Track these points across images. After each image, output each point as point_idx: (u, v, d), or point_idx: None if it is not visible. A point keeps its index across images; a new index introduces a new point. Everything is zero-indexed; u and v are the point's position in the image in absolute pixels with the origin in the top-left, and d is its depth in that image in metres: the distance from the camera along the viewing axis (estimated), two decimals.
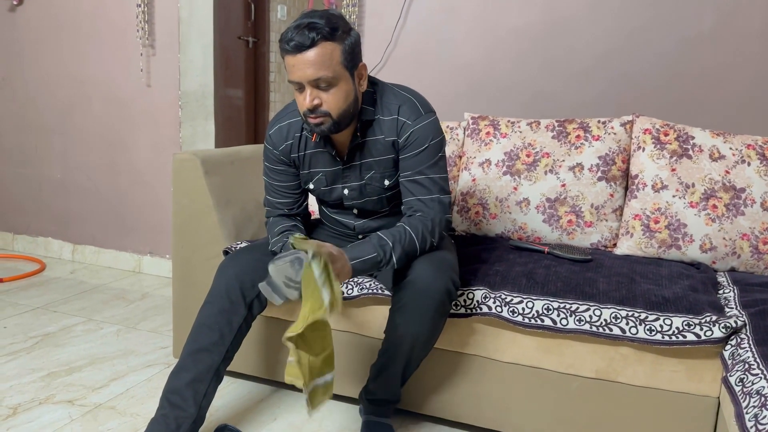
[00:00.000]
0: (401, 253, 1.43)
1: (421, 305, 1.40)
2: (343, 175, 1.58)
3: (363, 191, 1.59)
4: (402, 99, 1.51)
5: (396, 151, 1.52)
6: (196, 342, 1.49)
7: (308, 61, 1.34)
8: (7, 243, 3.38)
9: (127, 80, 2.96)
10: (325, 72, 1.36)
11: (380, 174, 1.56)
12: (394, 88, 1.54)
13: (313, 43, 1.33)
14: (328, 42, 1.35)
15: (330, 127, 1.43)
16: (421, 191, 1.49)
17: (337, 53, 1.37)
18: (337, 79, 1.38)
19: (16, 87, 3.21)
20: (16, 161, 3.29)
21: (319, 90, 1.39)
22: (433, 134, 1.50)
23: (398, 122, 1.49)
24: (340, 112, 1.42)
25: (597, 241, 1.94)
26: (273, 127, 1.61)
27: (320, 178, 1.61)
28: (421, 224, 1.46)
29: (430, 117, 1.51)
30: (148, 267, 3.05)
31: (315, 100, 1.39)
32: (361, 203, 1.62)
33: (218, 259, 1.84)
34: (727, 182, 1.80)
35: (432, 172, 1.50)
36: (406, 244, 1.43)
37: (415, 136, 1.48)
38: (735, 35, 2.11)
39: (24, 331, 2.26)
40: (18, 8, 3.11)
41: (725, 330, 1.36)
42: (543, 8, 2.31)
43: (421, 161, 1.49)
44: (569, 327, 1.49)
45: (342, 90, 1.40)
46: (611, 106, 2.25)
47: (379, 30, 2.54)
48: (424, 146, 1.49)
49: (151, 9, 2.86)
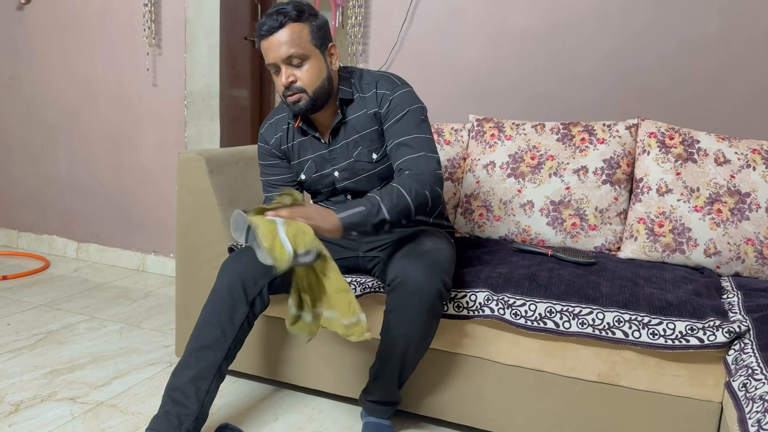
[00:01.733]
0: (390, 205, 1.42)
1: (413, 307, 1.42)
2: (331, 157, 1.64)
3: (353, 170, 1.64)
4: (378, 76, 1.62)
5: (379, 121, 1.59)
6: (199, 339, 1.49)
7: (279, 41, 1.47)
8: (12, 240, 3.39)
9: (134, 79, 2.97)
10: (296, 49, 1.47)
11: (367, 149, 1.61)
12: (369, 70, 1.66)
13: (281, 25, 1.46)
14: (296, 23, 1.48)
15: (307, 103, 1.53)
16: (408, 152, 1.54)
17: (305, 32, 1.49)
18: (307, 55, 1.49)
19: (23, 85, 3.23)
20: (22, 159, 3.30)
21: (293, 67, 1.50)
22: (413, 100, 1.58)
23: (377, 95, 1.59)
24: (314, 88, 1.52)
25: (601, 244, 1.94)
26: (264, 126, 1.74)
27: (310, 164, 1.67)
28: (409, 179, 1.47)
29: (406, 87, 1.60)
30: (152, 266, 3.06)
31: (290, 77, 1.49)
32: (353, 183, 1.65)
33: (221, 258, 1.84)
34: (732, 187, 1.79)
35: (417, 133, 1.55)
36: (395, 197, 1.43)
37: (395, 103, 1.57)
38: (741, 38, 2.11)
39: (27, 328, 2.27)
40: (26, 7, 3.13)
41: (729, 335, 1.36)
42: (548, 10, 2.31)
43: (405, 126, 1.56)
44: (572, 330, 1.49)
45: (314, 66, 1.51)
46: (616, 109, 2.25)
47: (385, 31, 2.54)
48: (405, 111, 1.56)
49: (158, 9, 2.87)
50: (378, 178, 1.64)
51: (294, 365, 1.83)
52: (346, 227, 1.39)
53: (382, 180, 1.65)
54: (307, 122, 1.64)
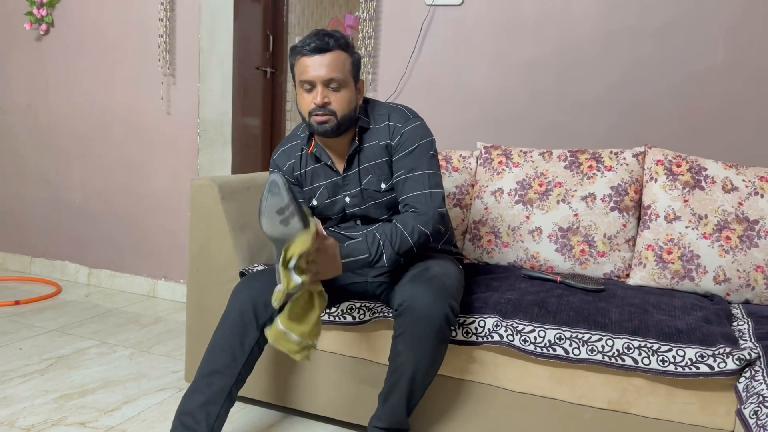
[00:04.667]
0: (391, 252, 1.50)
1: (420, 332, 1.43)
2: (343, 184, 1.68)
3: (363, 197, 1.67)
4: (390, 108, 1.67)
5: (389, 153, 1.63)
6: (210, 364, 1.50)
7: (325, 62, 1.52)
8: (25, 266, 3.43)
9: (148, 108, 3.03)
10: (338, 74, 1.53)
11: (377, 178, 1.65)
12: (382, 102, 1.72)
13: (330, 48, 1.52)
14: (343, 51, 1.54)
15: (333, 127, 1.57)
16: (414, 187, 1.58)
17: (348, 63, 1.56)
18: (345, 83, 1.55)
19: (39, 113, 3.30)
20: (37, 185, 3.36)
21: (330, 90, 1.54)
22: (422, 135, 1.62)
23: (390, 127, 1.63)
24: (344, 114, 1.56)
25: (610, 271, 1.94)
26: (276, 152, 1.77)
27: (322, 191, 1.70)
28: (412, 220, 1.53)
29: (418, 121, 1.65)
30: (162, 291, 3.08)
31: (325, 98, 1.54)
32: (362, 210, 1.69)
33: (233, 283, 1.85)
34: (740, 214, 1.80)
35: (423, 169, 1.59)
36: (398, 239, 1.51)
37: (405, 137, 1.61)
38: (747, 68, 2.13)
39: (38, 353, 2.29)
40: (44, 38, 3.21)
41: (739, 362, 1.35)
42: (555, 40, 2.35)
43: (413, 160, 1.60)
44: (581, 357, 1.49)
45: (347, 95, 1.57)
46: (623, 137, 2.27)
47: (395, 61, 2.59)
48: (414, 146, 1.61)
49: (173, 39, 2.94)
50: (386, 206, 1.67)
51: (303, 391, 1.83)
52: (347, 269, 1.49)
53: (389, 209, 1.67)
54: (321, 149, 1.67)
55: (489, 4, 2.43)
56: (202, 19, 2.87)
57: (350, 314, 1.69)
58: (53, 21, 3.18)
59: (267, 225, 1.35)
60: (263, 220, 1.35)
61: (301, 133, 1.72)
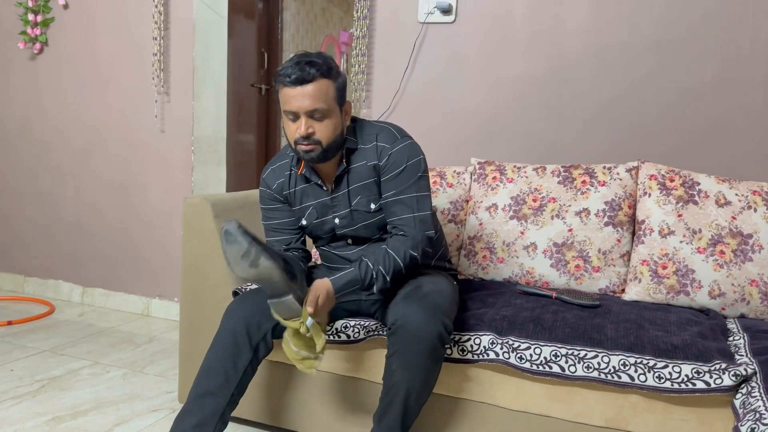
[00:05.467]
0: (383, 281, 1.54)
1: (414, 351, 1.42)
2: (332, 204, 1.67)
3: (353, 217, 1.66)
4: (378, 128, 1.65)
5: (378, 173, 1.62)
6: (202, 385, 1.49)
7: (307, 93, 1.48)
8: (18, 285, 3.40)
9: (142, 126, 3.03)
10: (321, 104, 1.50)
11: (366, 198, 1.64)
12: (370, 121, 1.69)
13: (312, 78, 1.48)
14: (325, 79, 1.50)
15: (319, 155, 1.55)
16: (403, 210, 1.58)
17: (331, 90, 1.52)
18: (329, 111, 1.52)
19: (33, 132, 3.29)
20: (30, 204, 3.34)
21: (313, 120, 1.52)
22: (409, 155, 1.60)
23: (377, 147, 1.61)
24: (329, 142, 1.54)
25: (605, 286, 1.93)
26: (266, 171, 1.75)
27: (311, 211, 1.69)
28: (402, 244, 1.56)
29: (406, 141, 1.62)
30: (157, 310, 3.06)
31: (309, 128, 1.51)
32: (352, 230, 1.67)
33: (226, 302, 1.84)
34: (734, 228, 1.80)
35: (411, 191, 1.59)
36: (390, 269, 1.54)
37: (393, 159, 1.59)
38: (738, 85, 2.15)
39: (31, 374, 2.26)
40: (38, 57, 3.22)
41: (735, 378, 1.34)
42: (547, 56, 2.37)
43: (401, 182, 1.59)
44: (577, 374, 1.48)
45: (332, 122, 1.54)
46: (616, 153, 2.27)
47: (388, 78, 2.60)
48: (401, 167, 1.59)
49: (167, 58, 2.95)
50: (376, 226, 1.65)
51: (297, 411, 1.81)
52: (339, 298, 1.53)
53: (380, 228, 1.66)
54: (310, 170, 1.66)
55: (481, 21, 2.45)
56: (196, 37, 2.88)
57: (344, 332, 1.68)
58: (47, 40, 3.18)
59: (239, 272, 1.39)
60: (234, 269, 1.39)
61: (290, 152, 1.70)
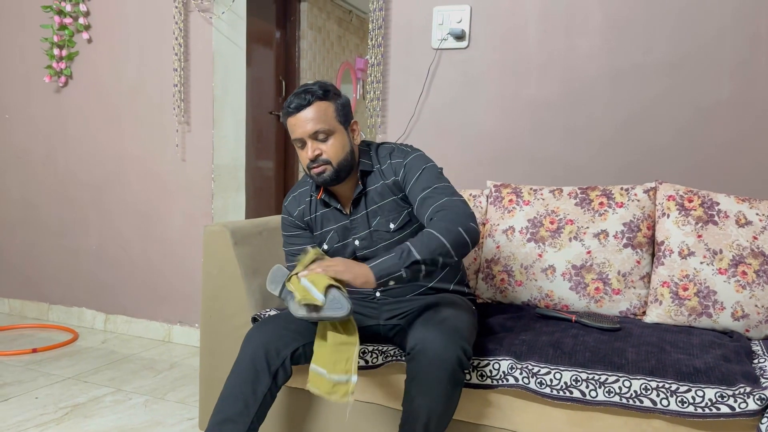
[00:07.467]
0: (421, 246, 1.44)
1: (433, 375, 1.40)
2: (352, 226, 1.70)
3: (372, 238, 1.69)
4: (390, 148, 1.72)
5: (399, 189, 1.66)
6: (222, 412, 1.49)
7: (307, 117, 1.57)
8: (42, 313, 3.46)
9: (163, 155, 3.09)
10: (322, 125, 1.57)
11: (385, 218, 1.67)
12: (383, 143, 1.76)
13: (309, 103, 1.57)
14: (322, 101, 1.58)
15: (331, 175, 1.60)
16: (433, 201, 1.58)
17: (330, 110, 1.59)
18: (333, 131, 1.59)
19: (58, 163, 3.37)
20: (55, 233, 3.41)
21: (319, 142, 1.59)
22: (425, 160, 1.67)
23: (392, 164, 1.68)
24: (339, 160, 1.60)
25: (626, 308, 1.91)
26: (287, 199, 1.82)
27: (332, 235, 1.73)
28: (438, 222, 1.50)
29: (417, 152, 1.69)
30: (178, 336, 3.09)
31: (316, 150, 1.59)
32: (372, 252, 1.69)
33: (245, 328, 1.86)
34: (755, 248, 1.78)
35: (437, 184, 1.61)
36: (425, 238, 1.45)
37: (410, 167, 1.65)
38: (754, 103, 2.13)
39: (54, 401, 2.29)
40: (63, 89, 3.31)
41: (760, 402, 1.32)
42: (562, 79, 2.38)
43: (424, 181, 1.62)
44: (599, 399, 1.46)
45: (338, 141, 1.60)
46: (633, 174, 2.26)
47: (403, 104, 2.63)
48: (421, 169, 1.64)
49: (187, 88, 3.02)
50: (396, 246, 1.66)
51: None
52: (378, 276, 1.42)
53: None
54: (329, 194, 1.71)
55: (494, 45, 2.47)
56: (215, 67, 2.94)
57: (363, 358, 1.68)
58: (71, 73, 3.28)
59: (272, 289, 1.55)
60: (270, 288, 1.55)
61: (309, 180, 1.75)
